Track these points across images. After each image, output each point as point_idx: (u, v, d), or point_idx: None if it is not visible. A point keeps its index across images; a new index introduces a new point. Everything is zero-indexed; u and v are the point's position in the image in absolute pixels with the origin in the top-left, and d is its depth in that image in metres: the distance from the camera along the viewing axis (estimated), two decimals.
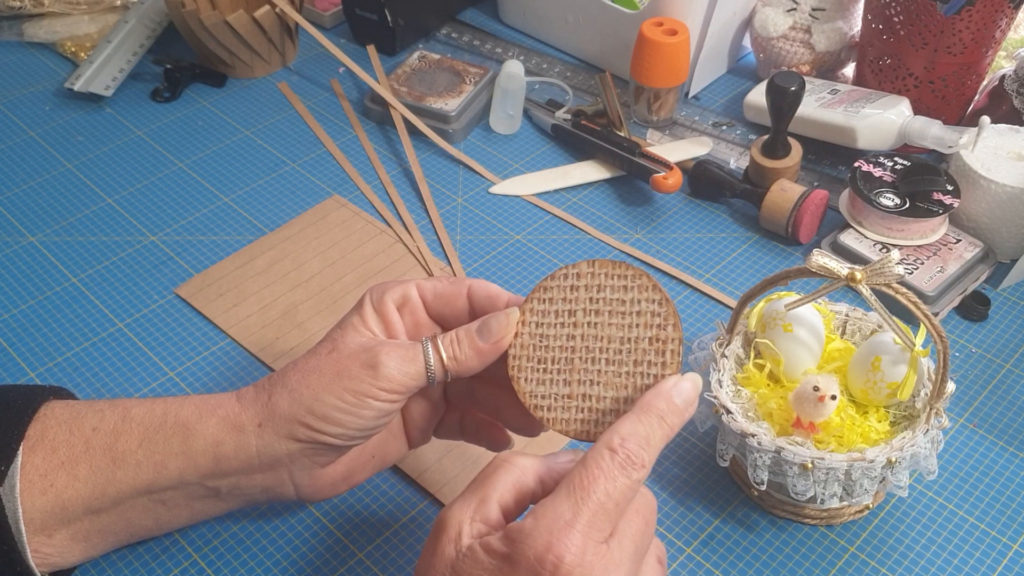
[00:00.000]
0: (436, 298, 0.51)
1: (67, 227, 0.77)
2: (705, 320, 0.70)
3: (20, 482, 0.47)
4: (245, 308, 0.70)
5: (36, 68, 0.96)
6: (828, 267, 0.51)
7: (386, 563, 0.55)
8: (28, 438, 0.48)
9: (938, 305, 0.69)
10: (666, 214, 0.79)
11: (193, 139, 0.87)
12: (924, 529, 0.57)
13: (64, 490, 0.48)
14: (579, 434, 0.48)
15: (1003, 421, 0.63)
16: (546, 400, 0.49)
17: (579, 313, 0.48)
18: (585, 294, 0.48)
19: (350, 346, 0.48)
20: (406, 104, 0.87)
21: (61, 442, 0.49)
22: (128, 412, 0.50)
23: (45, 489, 0.48)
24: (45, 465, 0.48)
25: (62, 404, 0.51)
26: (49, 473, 0.48)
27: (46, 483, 0.48)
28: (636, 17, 0.88)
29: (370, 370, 0.47)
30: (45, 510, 0.48)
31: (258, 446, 0.48)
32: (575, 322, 0.48)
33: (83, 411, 0.50)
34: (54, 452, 0.48)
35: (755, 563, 0.55)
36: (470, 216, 0.79)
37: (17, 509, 0.47)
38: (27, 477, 0.47)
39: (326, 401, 0.47)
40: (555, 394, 0.48)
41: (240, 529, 0.57)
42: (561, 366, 0.48)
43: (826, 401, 0.52)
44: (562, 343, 0.48)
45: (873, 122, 0.78)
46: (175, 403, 0.50)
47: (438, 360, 0.48)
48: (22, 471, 0.47)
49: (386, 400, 0.48)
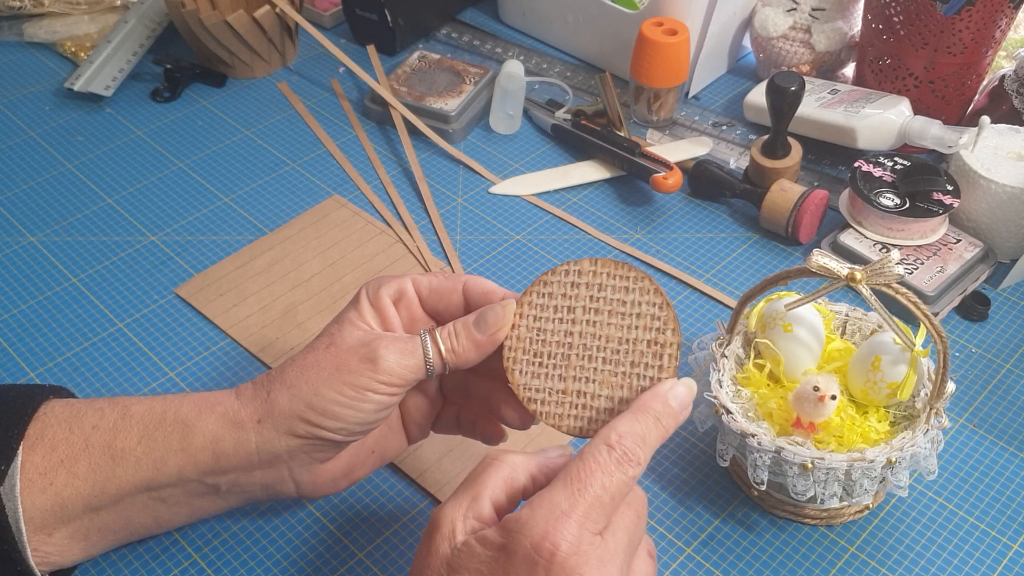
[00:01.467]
0: (431, 293, 0.52)
1: (67, 227, 0.77)
2: (705, 320, 0.70)
3: (20, 481, 0.47)
4: (245, 308, 0.70)
5: (36, 68, 0.96)
6: (828, 267, 0.51)
7: (386, 563, 0.55)
8: (28, 437, 0.48)
9: (938, 305, 0.69)
10: (666, 214, 0.79)
11: (193, 139, 0.87)
12: (924, 529, 0.57)
13: (64, 488, 0.48)
14: (572, 430, 0.48)
15: (1003, 421, 0.63)
16: (540, 394, 0.49)
17: (578, 310, 0.48)
18: (586, 292, 0.48)
19: (348, 340, 0.49)
20: (406, 104, 0.87)
21: (60, 440, 0.49)
22: (128, 410, 0.50)
23: (45, 487, 0.48)
24: (44, 463, 0.48)
25: (62, 403, 0.51)
26: (48, 471, 0.48)
27: (45, 481, 0.48)
28: (636, 17, 0.88)
29: (369, 363, 0.47)
30: (45, 508, 0.48)
31: (258, 442, 0.48)
32: (574, 319, 0.48)
33: (83, 409, 0.50)
34: (53, 450, 0.48)
35: (755, 563, 0.55)
36: (470, 216, 0.79)
37: (17, 508, 0.47)
38: (27, 476, 0.47)
39: (325, 395, 0.47)
40: (550, 388, 0.48)
41: (240, 529, 0.57)
42: (557, 361, 0.48)
43: (826, 401, 0.52)
44: (559, 338, 0.49)
45: (873, 122, 0.78)
46: (174, 400, 0.50)
47: (436, 352, 0.48)
48: (22, 470, 0.47)
49: (385, 393, 0.48)
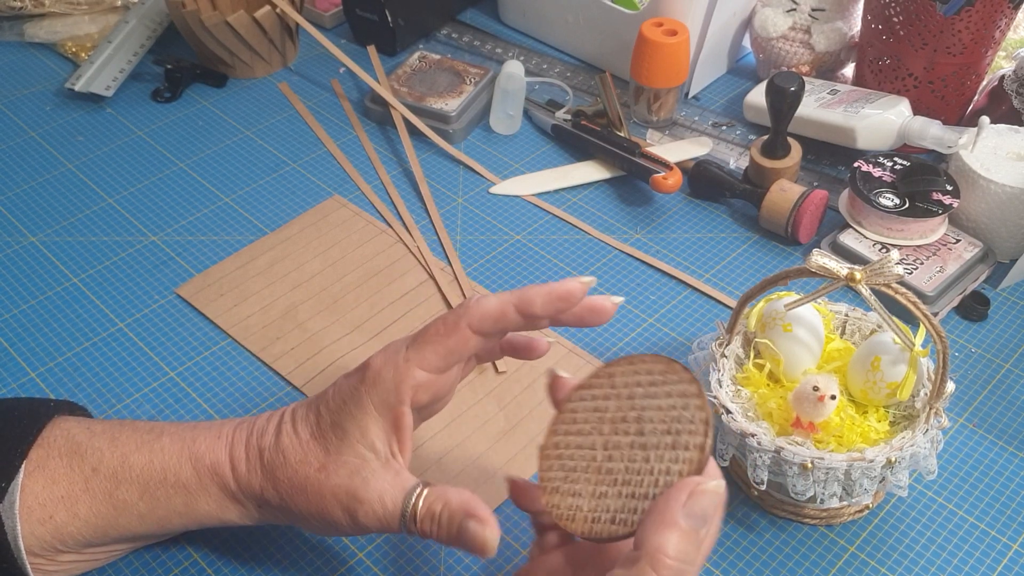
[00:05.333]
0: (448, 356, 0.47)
1: (67, 227, 0.78)
2: (705, 320, 0.70)
3: (19, 503, 0.47)
4: (246, 308, 0.70)
5: (37, 68, 0.96)
6: (828, 267, 0.51)
7: (386, 563, 0.55)
8: (30, 460, 0.48)
9: (938, 305, 0.69)
10: (666, 214, 0.79)
11: (193, 139, 0.87)
12: (924, 529, 0.57)
13: (64, 526, 0.48)
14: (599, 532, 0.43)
15: (1003, 421, 0.63)
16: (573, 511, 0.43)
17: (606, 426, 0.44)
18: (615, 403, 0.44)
19: (340, 473, 0.47)
20: (406, 104, 0.87)
21: (61, 476, 0.48)
22: (127, 459, 0.49)
23: (44, 520, 0.47)
24: (45, 495, 0.48)
25: (63, 432, 0.50)
26: (49, 504, 0.48)
27: (45, 514, 0.48)
28: (636, 17, 0.88)
29: (348, 516, 0.47)
30: (44, 539, 0.48)
31: (262, 517, 0.50)
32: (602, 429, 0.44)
33: (83, 444, 0.49)
34: (54, 484, 0.48)
35: (755, 563, 0.55)
36: (470, 216, 0.79)
37: (16, 526, 0.47)
38: (26, 502, 0.47)
39: (310, 523, 0.49)
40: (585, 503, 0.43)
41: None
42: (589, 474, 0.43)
43: (826, 401, 0.52)
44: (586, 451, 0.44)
45: (873, 122, 0.78)
46: (173, 459, 0.49)
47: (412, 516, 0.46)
48: (22, 493, 0.47)
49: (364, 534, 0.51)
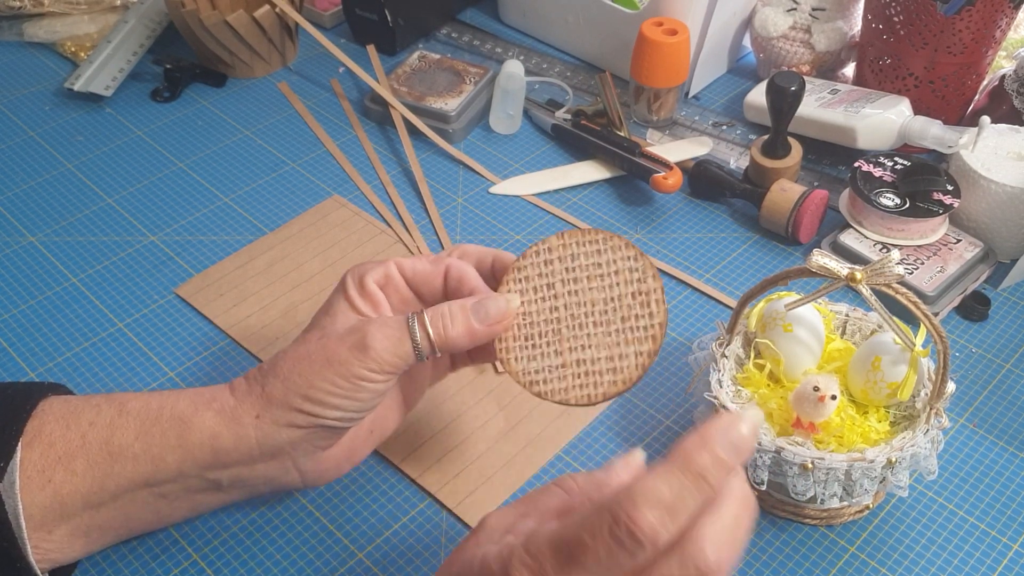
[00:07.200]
0: (415, 275, 0.52)
1: (67, 227, 0.77)
2: (705, 320, 0.70)
3: (19, 478, 0.47)
4: (245, 308, 0.70)
5: (36, 68, 0.96)
6: (828, 267, 0.51)
7: (386, 563, 0.55)
8: (26, 434, 0.48)
9: (938, 305, 0.69)
10: (666, 214, 0.79)
11: (193, 139, 0.87)
12: (924, 529, 0.57)
13: (62, 485, 0.48)
14: (580, 399, 0.49)
15: (1003, 421, 0.63)
16: (540, 375, 0.49)
17: (557, 284, 0.50)
18: (560, 265, 0.50)
19: (338, 329, 0.49)
20: (406, 104, 0.87)
21: (58, 437, 0.49)
22: (124, 406, 0.50)
23: (43, 484, 0.48)
24: (42, 461, 0.48)
25: (59, 400, 0.51)
26: (47, 468, 0.48)
27: (44, 479, 0.48)
28: (636, 17, 0.88)
29: (359, 352, 0.47)
30: (44, 505, 0.48)
31: (258, 437, 0.49)
32: (555, 294, 0.49)
33: (79, 406, 0.50)
34: (51, 447, 0.48)
35: (755, 563, 0.55)
36: (470, 216, 0.79)
37: (17, 505, 0.47)
38: (25, 473, 0.48)
39: (320, 387, 0.47)
40: (548, 366, 0.49)
41: (240, 529, 0.57)
42: (549, 338, 0.49)
43: (826, 401, 0.52)
44: (546, 316, 0.49)
45: (873, 122, 0.78)
46: (171, 396, 0.50)
47: (425, 337, 0.48)
48: (21, 467, 0.48)
49: (379, 380, 0.48)
